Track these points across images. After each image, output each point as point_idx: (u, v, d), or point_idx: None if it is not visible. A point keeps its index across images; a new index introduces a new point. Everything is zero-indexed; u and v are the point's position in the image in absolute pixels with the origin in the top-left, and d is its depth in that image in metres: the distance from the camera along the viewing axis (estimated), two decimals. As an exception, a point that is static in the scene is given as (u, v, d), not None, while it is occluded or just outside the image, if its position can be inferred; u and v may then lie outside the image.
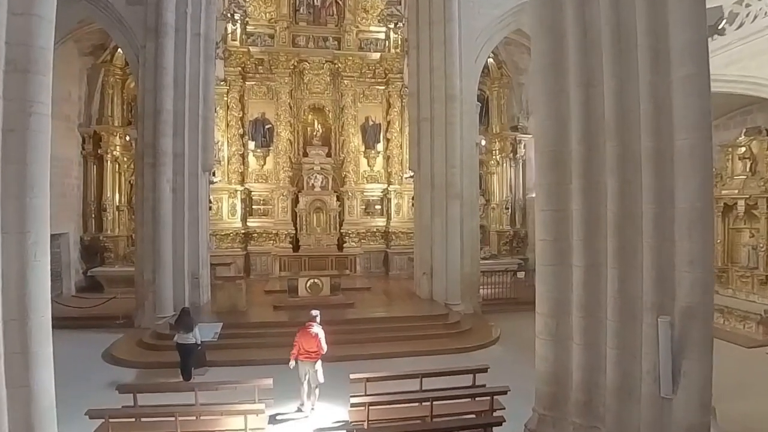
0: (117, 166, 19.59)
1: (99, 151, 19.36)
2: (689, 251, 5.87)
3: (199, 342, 10.35)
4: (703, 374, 5.84)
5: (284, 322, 13.08)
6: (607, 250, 6.63)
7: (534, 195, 22.26)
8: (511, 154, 22.43)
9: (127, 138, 18.87)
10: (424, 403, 7.87)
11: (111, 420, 7.00)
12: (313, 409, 9.25)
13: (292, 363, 9.25)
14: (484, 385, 8.76)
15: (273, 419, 8.80)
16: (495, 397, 8.00)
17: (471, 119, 16.30)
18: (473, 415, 8.00)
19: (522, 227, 22.59)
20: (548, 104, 7.13)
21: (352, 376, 8.50)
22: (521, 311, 16.53)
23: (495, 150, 22.33)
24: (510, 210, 22.40)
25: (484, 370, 9.16)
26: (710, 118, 5.99)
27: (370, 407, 7.57)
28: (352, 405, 7.82)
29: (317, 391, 9.37)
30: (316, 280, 15.00)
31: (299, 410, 9.27)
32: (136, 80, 15.01)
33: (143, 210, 14.18)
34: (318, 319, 9.49)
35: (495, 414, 7.76)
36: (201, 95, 14.79)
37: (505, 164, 22.42)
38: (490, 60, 20.36)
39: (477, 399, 8.28)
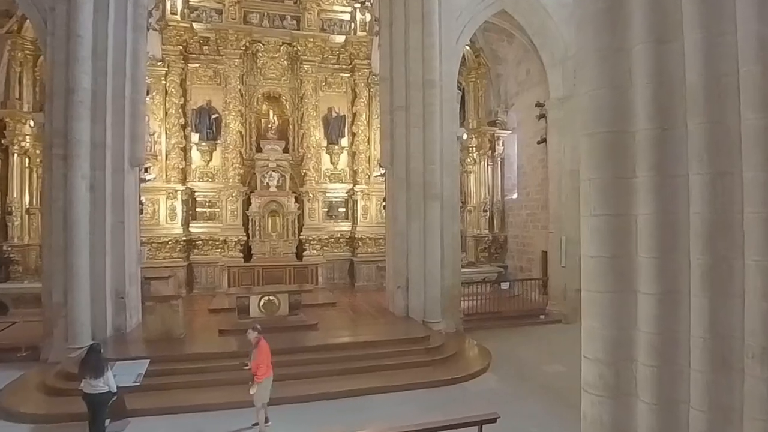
0: (27, 160, 16.61)
1: (3, 142, 16.29)
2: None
3: (114, 390, 7.94)
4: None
5: (232, 352, 10.77)
6: (691, 270, 4.84)
7: (515, 196, 21.30)
8: (489, 152, 20.78)
9: (31, 123, 15.91)
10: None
11: None
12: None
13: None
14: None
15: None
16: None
17: (451, 109, 14.59)
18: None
19: (501, 232, 21.01)
20: (601, 67, 5.24)
21: None
22: (507, 327, 15.16)
23: (472, 147, 20.61)
24: (488, 213, 20.75)
25: (493, 420, 7.27)
26: None
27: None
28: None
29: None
30: (271, 298, 12.87)
31: None
32: (44, 51, 12.42)
33: (51, 213, 11.63)
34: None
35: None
36: (129, 73, 12.31)
37: (482, 163, 20.75)
38: (467, 47, 18.56)
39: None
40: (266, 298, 12.82)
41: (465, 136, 18.40)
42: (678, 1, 4.87)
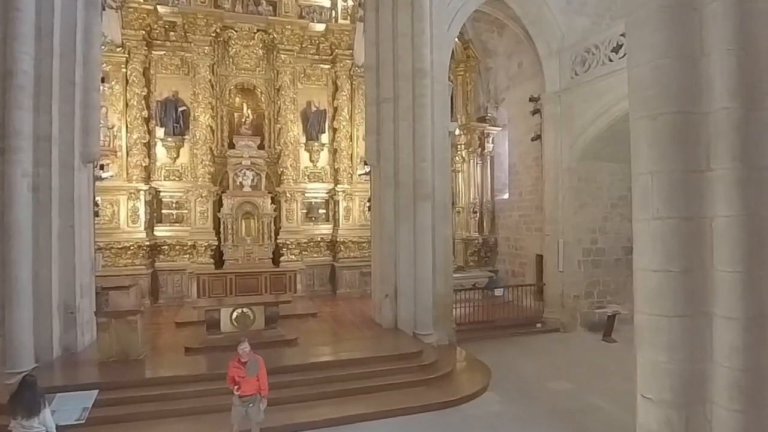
0: None
1: None
2: None
3: (52, 431, 6.62)
4: None
5: (201, 375, 9.60)
6: None
7: (506, 197, 20.29)
8: (479, 150, 19.90)
9: None
10: None
11: None
12: None
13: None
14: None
15: None
16: None
17: (443, 101, 13.57)
18: None
19: (491, 234, 20.13)
20: (665, 32, 4.18)
21: None
22: (502, 337, 14.23)
23: (460, 144, 19.64)
24: (478, 214, 19.86)
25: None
26: None
27: None
28: None
29: None
30: (245, 310, 11.56)
31: None
32: None
33: None
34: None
35: None
36: (80, 56, 10.91)
37: (471, 161, 19.88)
38: (455, 39, 17.51)
39: None
40: (239, 310, 11.52)
41: (458, 131, 17.45)
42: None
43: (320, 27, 18.65)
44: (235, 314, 11.44)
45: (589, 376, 11.12)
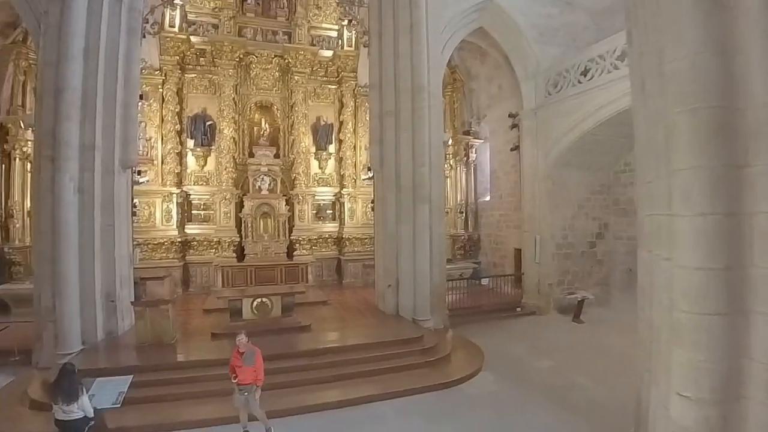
0: (28, 164, 14.43)
1: (6, 147, 14.38)
2: None
3: (90, 415, 6.15)
4: None
5: (225, 359, 8.99)
6: None
7: (487, 199, 19.98)
8: (464, 159, 19.50)
9: (22, 125, 13.93)
10: None
11: None
12: None
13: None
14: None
15: None
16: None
17: (438, 114, 13.08)
18: None
19: (475, 231, 19.75)
20: (701, 27, 3.71)
21: None
22: (488, 320, 13.86)
23: (449, 154, 19.09)
24: (464, 214, 19.48)
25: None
26: None
27: None
28: None
29: None
30: (264, 300, 11.09)
31: None
32: (37, 53, 10.60)
33: (40, 216, 9.72)
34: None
35: None
36: (121, 74, 10.46)
37: (458, 168, 19.47)
38: (443, 64, 17.30)
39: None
40: (259, 300, 11.07)
41: (450, 141, 17.18)
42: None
43: (328, 53, 18.30)
44: (255, 303, 11.01)
45: (567, 354, 10.83)
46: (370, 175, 14.51)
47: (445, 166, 18.72)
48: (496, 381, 9.29)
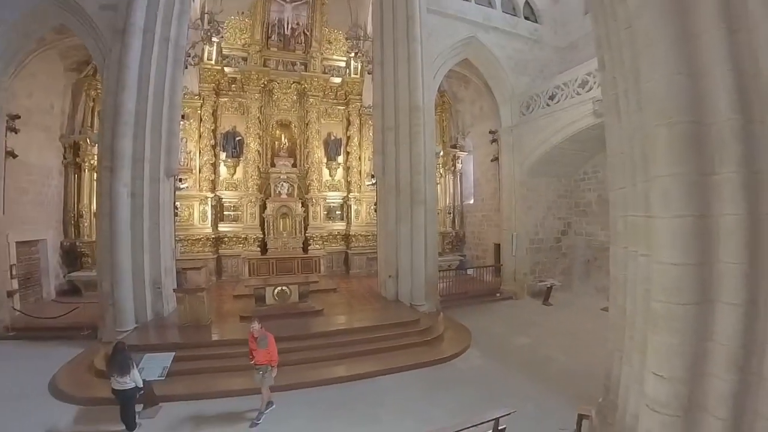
0: (94, 174, 14.24)
1: (77, 160, 14.34)
2: None
3: (140, 385, 6.12)
4: None
5: None
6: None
7: (471, 202, 19.88)
8: (452, 168, 19.27)
9: (88, 141, 13.85)
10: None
11: None
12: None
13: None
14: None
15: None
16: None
17: (431, 130, 12.95)
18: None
19: (460, 229, 19.50)
20: (674, 52, 3.63)
21: None
22: (472, 304, 13.76)
23: (439, 164, 18.81)
24: (451, 215, 19.27)
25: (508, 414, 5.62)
26: None
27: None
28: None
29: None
30: (284, 288, 10.95)
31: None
32: (102, 83, 10.60)
33: (101, 216, 9.80)
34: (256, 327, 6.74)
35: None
36: (167, 99, 10.34)
37: (447, 176, 19.24)
38: (434, 88, 17.21)
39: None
40: (279, 288, 10.94)
41: (441, 153, 17.09)
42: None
43: (338, 80, 18.16)
44: (276, 291, 10.87)
45: (540, 332, 10.77)
46: (373, 181, 14.39)
47: (436, 174, 18.79)
48: (482, 356, 9.18)
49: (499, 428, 5.26)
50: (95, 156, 13.94)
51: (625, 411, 4.49)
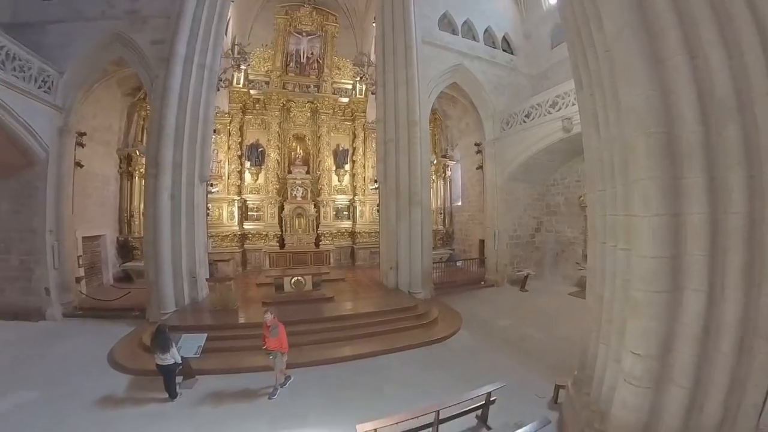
0: (142, 180, 14.13)
1: (130, 169, 14.42)
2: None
3: (178, 361, 6.03)
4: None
5: None
6: (727, 267, 3.32)
7: (459, 204, 19.59)
8: (443, 174, 19.13)
9: (138, 152, 13.91)
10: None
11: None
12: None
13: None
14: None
15: None
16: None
17: (426, 142, 12.83)
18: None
19: (450, 226, 19.31)
20: (649, 73, 3.54)
21: (358, 429, 4.53)
22: (461, 291, 13.57)
23: (432, 171, 18.52)
24: (442, 214, 19.11)
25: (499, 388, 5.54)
26: None
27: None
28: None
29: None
30: (299, 278, 10.79)
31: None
32: (150, 104, 10.66)
33: (147, 215, 9.74)
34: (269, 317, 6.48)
35: None
36: (201, 115, 10.23)
37: (438, 182, 19.07)
38: (427, 107, 17.07)
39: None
40: (296, 278, 10.78)
41: (435, 161, 16.97)
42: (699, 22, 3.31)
43: (345, 100, 17.96)
44: (293, 280, 10.74)
45: (518, 315, 10.62)
46: (376, 185, 14.25)
47: (430, 179, 18.65)
48: (471, 336, 9.00)
49: (491, 399, 5.16)
50: (143, 165, 13.96)
51: (601, 383, 4.39)
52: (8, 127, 8.96)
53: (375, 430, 4.36)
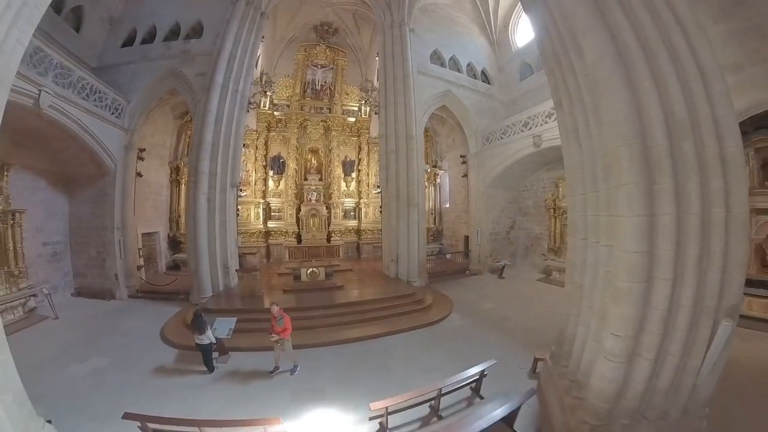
0: (187, 187, 13.87)
1: (178, 178, 14.31)
2: (742, 254, 3.15)
3: (213, 341, 5.85)
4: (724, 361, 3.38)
5: (292, 307, 8.29)
6: (685, 259, 3.24)
7: (447, 206, 19.25)
8: (434, 181, 18.86)
9: (183, 164, 13.99)
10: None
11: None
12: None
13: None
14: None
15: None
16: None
17: (421, 153, 12.60)
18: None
19: (439, 225, 19.03)
20: (626, 94, 3.40)
21: (371, 407, 4.31)
22: (450, 279, 13.37)
23: (425, 178, 18.29)
24: (434, 215, 18.87)
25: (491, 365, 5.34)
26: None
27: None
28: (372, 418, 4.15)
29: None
30: (314, 269, 10.52)
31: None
32: (193, 124, 10.44)
33: (188, 216, 9.58)
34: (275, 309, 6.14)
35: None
36: (233, 132, 10.07)
37: (430, 187, 18.79)
38: (420, 126, 16.83)
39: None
40: (311, 269, 10.52)
41: (428, 170, 16.76)
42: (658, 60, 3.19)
43: (352, 119, 17.71)
44: (309, 271, 10.46)
45: (499, 299, 10.43)
46: (379, 190, 14.04)
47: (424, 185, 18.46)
48: (461, 319, 8.77)
49: (484, 374, 4.99)
50: (188, 174, 13.74)
51: (579, 359, 4.25)
52: (88, 145, 9.45)
53: (386, 407, 4.17)
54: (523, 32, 15.63)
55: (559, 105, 4.66)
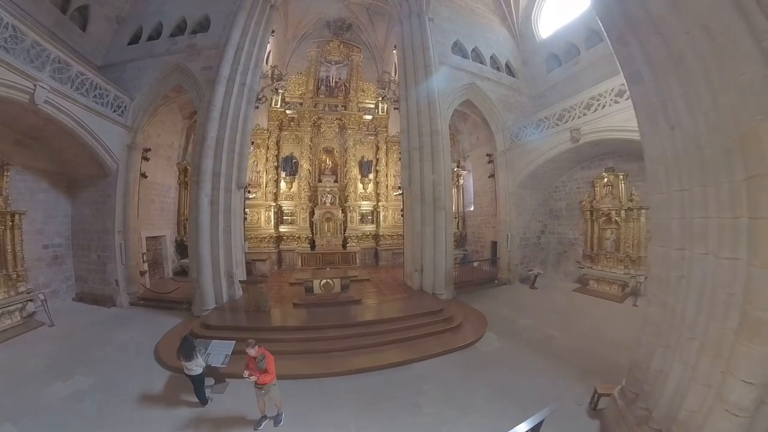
0: None
1: (185, 179, 13.94)
2: None
3: (203, 368, 5.11)
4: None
5: (302, 326, 7.55)
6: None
7: (471, 209, 17.87)
8: (457, 182, 17.84)
9: (190, 165, 13.38)
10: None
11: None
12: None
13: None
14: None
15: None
16: None
17: (447, 150, 11.66)
18: None
19: (463, 229, 18.06)
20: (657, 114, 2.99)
21: None
22: (478, 290, 12.36)
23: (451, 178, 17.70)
24: (457, 218, 17.82)
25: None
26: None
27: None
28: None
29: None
30: (328, 280, 9.67)
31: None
32: (197, 119, 10.02)
33: (190, 219, 9.03)
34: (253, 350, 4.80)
35: None
36: (240, 128, 9.57)
37: (453, 189, 17.67)
38: (441, 123, 15.99)
39: None
40: (325, 280, 9.63)
41: (455, 168, 15.84)
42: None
43: (369, 117, 17.14)
44: (322, 282, 9.58)
45: (536, 313, 9.36)
46: (399, 192, 13.30)
47: (444, 187, 17.56)
48: (498, 339, 7.68)
49: (540, 424, 4.05)
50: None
51: (674, 404, 3.29)
52: (87, 144, 9.12)
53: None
54: (547, 23, 14.63)
55: (637, 78, 3.75)
